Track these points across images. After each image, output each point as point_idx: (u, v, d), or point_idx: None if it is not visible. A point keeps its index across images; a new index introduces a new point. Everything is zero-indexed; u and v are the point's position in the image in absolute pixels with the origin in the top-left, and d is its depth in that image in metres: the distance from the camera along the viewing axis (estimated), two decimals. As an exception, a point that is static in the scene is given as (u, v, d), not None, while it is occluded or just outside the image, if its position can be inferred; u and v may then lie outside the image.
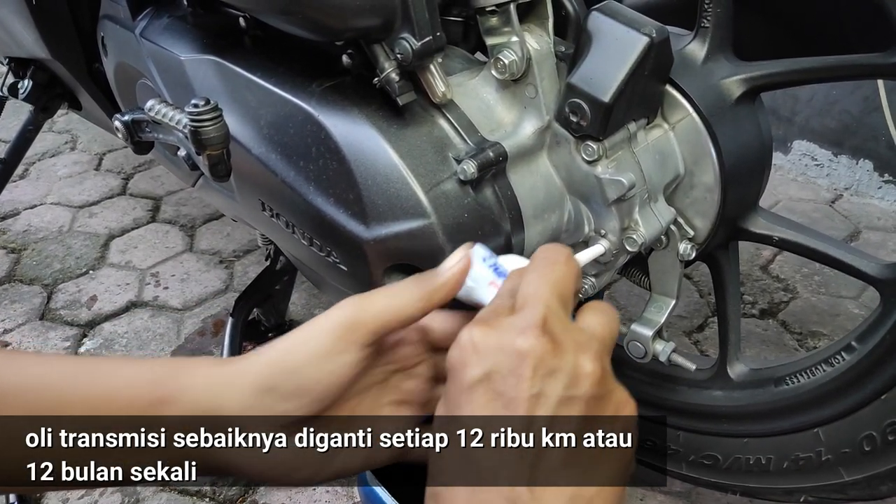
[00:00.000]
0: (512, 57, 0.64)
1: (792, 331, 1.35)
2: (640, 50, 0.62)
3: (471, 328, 0.39)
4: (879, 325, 0.70)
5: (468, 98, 0.68)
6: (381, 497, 0.84)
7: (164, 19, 0.85)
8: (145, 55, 0.86)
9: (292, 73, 0.71)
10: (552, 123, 0.67)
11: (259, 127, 0.72)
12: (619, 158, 0.67)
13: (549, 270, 0.41)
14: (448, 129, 0.66)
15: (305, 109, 0.67)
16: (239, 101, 0.73)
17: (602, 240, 0.71)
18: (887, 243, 1.59)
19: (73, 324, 1.40)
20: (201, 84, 0.78)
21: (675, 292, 0.78)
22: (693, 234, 0.75)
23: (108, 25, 0.93)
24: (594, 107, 0.63)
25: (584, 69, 0.64)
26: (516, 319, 0.38)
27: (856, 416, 0.72)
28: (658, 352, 0.78)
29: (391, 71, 0.62)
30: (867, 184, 1.70)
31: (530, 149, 0.68)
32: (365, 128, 0.64)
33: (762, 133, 0.74)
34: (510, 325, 0.38)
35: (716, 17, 0.69)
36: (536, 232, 0.70)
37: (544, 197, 0.70)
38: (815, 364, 0.76)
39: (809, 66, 0.67)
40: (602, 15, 0.63)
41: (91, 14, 1.02)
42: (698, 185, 0.73)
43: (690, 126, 0.70)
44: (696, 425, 0.87)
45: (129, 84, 0.93)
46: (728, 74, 0.71)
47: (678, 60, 0.69)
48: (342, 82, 0.68)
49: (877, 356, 0.69)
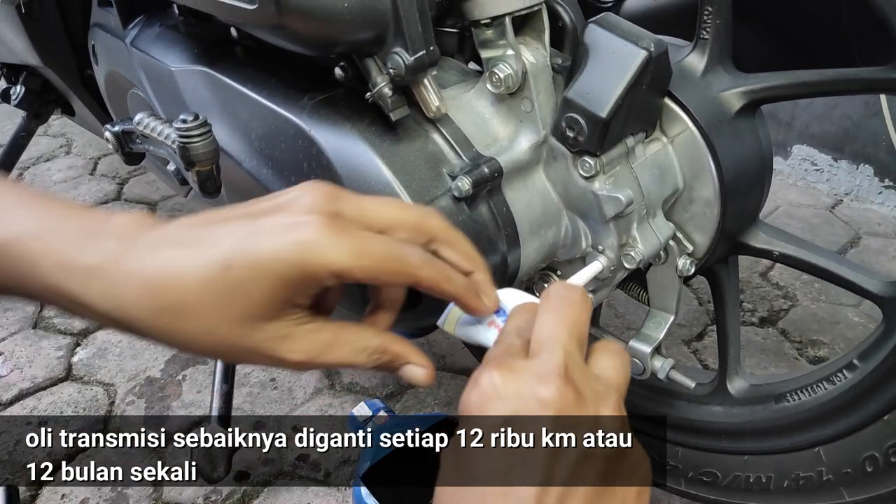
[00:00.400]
0: (507, 71, 0.63)
1: (792, 339, 1.34)
2: (637, 64, 0.60)
3: (490, 371, 0.37)
4: (882, 344, 0.68)
5: (463, 112, 0.67)
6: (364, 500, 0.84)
7: (155, 28, 0.84)
8: (136, 65, 0.84)
9: (284, 85, 0.69)
10: (549, 138, 0.66)
11: (250, 140, 0.70)
12: (616, 174, 0.66)
13: (565, 312, 0.39)
14: (442, 144, 0.65)
15: (297, 123, 0.66)
16: (230, 113, 0.72)
17: (600, 256, 0.69)
18: (888, 249, 1.58)
19: (67, 332, 1.38)
20: (192, 95, 0.76)
21: (674, 308, 0.77)
22: (692, 249, 0.73)
23: (99, 34, 0.92)
24: (591, 122, 0.62)
25: (580, 83, 0.62)
26: (536, 365, 0.37)
27: (857, 437, 0.71)
28: (657, 368, 0.77)
29: (384, 85, 0.60)
30: (867, 189, 1.69)
31: (526, 164, 0.67)
32: (357, 143, 0.63)
33: (762, 146, 0.72)
34: (530, 370, 0.37)
35: (715, 29, 0.68)
36: (533, 248, 0.69)
37: (541, 213, 0.69)
38: (817, 381, 0.75)
39: (810, 80, 0.66)
40: (599, 28, 0.62)
41: (83, 20, 1.00)
42: (697, 200, 0.71)
43: (689, 140, 0.69)
44: (695, 441, 0.85)
45: (121, 93, 0.92)
46: (727, 87, 0.69)
47: (677, 72, 0.68)
48: (334, 95, 0.67)
49: (879, 376, 0.68)
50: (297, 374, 1.27)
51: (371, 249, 0.38)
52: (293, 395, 1.24)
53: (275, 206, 0.39)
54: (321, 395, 1.24)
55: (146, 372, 1.29)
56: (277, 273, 0.37)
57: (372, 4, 0.56)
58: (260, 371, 1.27)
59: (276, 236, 0.37)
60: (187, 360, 1.31)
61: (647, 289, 0.78)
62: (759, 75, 0.69)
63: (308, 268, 0.37)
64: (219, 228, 0.39)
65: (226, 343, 0.39)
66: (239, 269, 0.37)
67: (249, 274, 0.37)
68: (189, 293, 0.37)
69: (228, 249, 0.37)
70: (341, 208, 0.39)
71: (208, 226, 0.39)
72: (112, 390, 1.26)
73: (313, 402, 1.22)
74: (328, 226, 0.38)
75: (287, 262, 0.37)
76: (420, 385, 0.45)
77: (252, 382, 1.26)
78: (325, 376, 1.27)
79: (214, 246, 0.38)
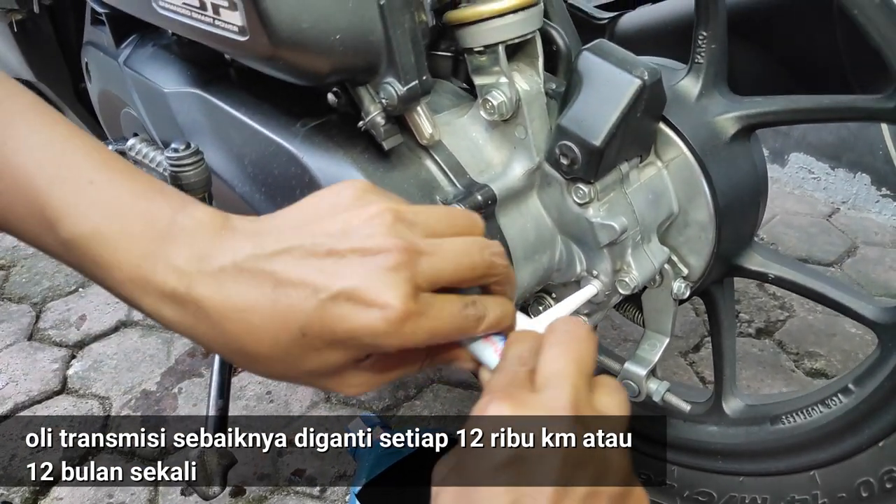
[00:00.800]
0: (501, 98, 0.63)
1: (788, 351, 1.34)
2: (632, 93, 0.60)
3: (499, 403, 0.37)
4: (877, 370, 0.68)
5: (456, 138, 0.66)
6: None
7: (148, 48, 0.83)
8: (129, 85, 0.84)
9: (277, 110, 0.69)
10: (543, 164, 0.66)
11: (243, 165, 0.70)
12: (611, 201, 0.66)
13: (573, 347, 0.39)
14: (436, 171, 0.64)
15: (289, 150, 0.65)
16: (223, 137, 0.72)
17: (594, 280, 0.69)
18: (885, 259, 1.57)
19: (62, 344, 1.38)
20: (185, 118, 0.76)
21: (669, 330, 0.76)
22: (687, 272, 0.73)
23: (92, 52, 0.91)
24: (585, 150, 0.61)
25: (574, 111, 0.62)
26: (545, 400, 0.37)
27: (853, 461, 0.70)
28: (652, 391, 0.77)
29: (376, 114, 0.60)
30: (864, 198, 1.69)
31: (520, 190, 0.66)
32: (349, 171, 0.62)
33: (757, 170, 0.72)
34: (539, 404, 0.37)
35: (710, 53, 0.68)
36: (527, 273, 0.69)
37: (535, 238, 0.68)
38: (812, 404, 0.74)
39: (806, 107, 0.65)
40: (593, 55, 0.62)
41: (77, 36, 1.00)
42: (692, 224, 0.71)
43: (684, 164, 0.69)
44: (691, 461, 0.85)
45: (114, 112, 0.92)
46: (722, 112, 0.69)
47: (672, 96, 0.67)
48: (327, 121, 0.66)
49: (875, 402, 0.68)
50: (294, 388, 1.27)
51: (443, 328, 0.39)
52: (290, 409, 1.23)
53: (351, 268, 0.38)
54: (317, 407, 1.24)
55: (142, 385, 1.29)
56: (353, 347, 0.38)
57: (364, 36, 0.55)
58: (256, 384, 1.27)
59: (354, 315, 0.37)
60: (183, 373, 1.31)
61: (642, 310, 0.78)
62: (754, 100, 0.69)
63: (381, 347, 0.38)
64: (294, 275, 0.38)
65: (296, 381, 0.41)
66: (316, 340, 0.38)
67: (325, 345, 0.38)
68: (264, 347, 0.38)
69: (305, 319, 0.37)
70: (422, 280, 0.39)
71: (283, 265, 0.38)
72: (107, 403, 1.26)
73: (309, 414, 1.22)
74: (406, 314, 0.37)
75: (363, 344, 0.38)
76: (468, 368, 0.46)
77: (248, 395, 1.25)
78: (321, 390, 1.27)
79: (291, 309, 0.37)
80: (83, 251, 0.39)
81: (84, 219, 0.39)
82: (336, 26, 0.54)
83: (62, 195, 0.39)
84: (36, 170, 0.40)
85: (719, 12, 0.65)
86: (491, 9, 0.60)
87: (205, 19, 0.57)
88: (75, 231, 0.39)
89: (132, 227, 0.39)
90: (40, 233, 0.40)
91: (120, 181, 0.40)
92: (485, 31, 0.60)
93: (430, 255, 0.39)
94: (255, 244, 0.39)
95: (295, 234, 0.39)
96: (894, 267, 1.55)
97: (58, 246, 0.40)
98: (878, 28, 0.56)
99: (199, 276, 0.38)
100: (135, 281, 0.38)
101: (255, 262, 0.38)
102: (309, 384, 0.41)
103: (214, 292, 0.38)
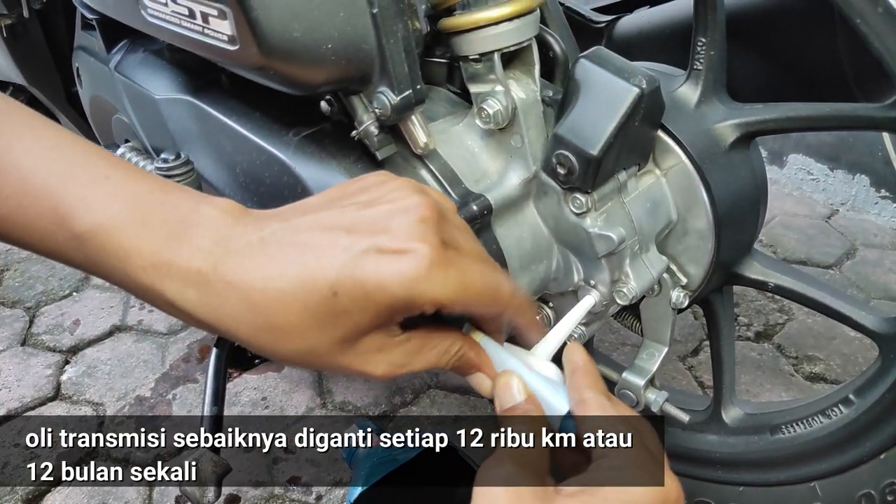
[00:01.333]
0: (496, 107, 0.62)
1: (787, 355, 1.33)
2: (629, 102, 0.59)
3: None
4: (878, 381, 0.67)
5: (452, 146, 0.65)
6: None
7: (139, 54, 0.82)
8: (120, 90, 0.83)
9: (269, 118, 0.68)
10: (539, 173, 0.65)
11: (235, 174, 0.69)
12: (608, 210, 0.64)
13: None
14: (430, 181, 0.63)
15: (282, 159, 0.64)
16: (214, 145, 0.71)
17: (592, 291, 0.68)
18: (884, 261, 1.57)
19: (56, 350, 1.37)
20: (176, 125, 0.75)
21: (668, 339, 0.75)
22: (686, 281, 0.72)
23: (83, 57, 0.90)
24: (582, 160, 0.60)
25: (571, 120, 0.61)
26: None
27: (854, 473, 0.70)
28: (650, 401, 0.76)
29: (370, 124, 0.59)
30: (863, 199, 1.68)
31: (516, 199, 0.65)
32: (343, 181, 0.61)
33: (756, 177, 0.71)
34: None
35: (709, 60, 0.67)
36: (524, 283, 0.68)
37: (531, 247, 0.67)
38: (812, 414, 0.74)
39: (806, 115, 0.64)
40: (590, 63, 0.61)
41: (68, 41, 0.99)
42: (691, 232, 0.70)
43: (683, 172, 0.68)
44: (690, 470, 0.84)
45: (106, 117, 0.90)
46: (722, 119, 0.68)
47: (670, 103, 0.66)
48: (320, 130, 0.65)
49: (876, 413, 0.67)
50: (289, 393, 1.26)
51: (474, 283, 0.39)
52: (285, 414, 1.22)
53: (380, 223, 0.38)
54: (313, 413, 1.23)
55: (136, 391, 1.27)
56: (384, 303, 0.37)
57: (356, 45, 0.54)
58: (251, 390, 1.26)
59: (385, 265, 0.37)
60: (177, 378, 1.30)
61: (641, 319, 0.77)
62: (754, 107, 0.68)
63: (415, 301, 0.37)
64: (322, 240, 0.38)
65: (323, 359, 0.39)
66: (346, 298, 0.37)
67: (356, 304, 0.37)
68: (292, 316, 0.37)
69: (335, 276, 0.37)
70: (445, 233, 0.39)
71: (310, 233, 0.38)
72: (101, 409, 1.25)
73: (305, 421, 1.21)
74: (437, 260, 0.37)
75: (394, 295, 0.37)
76: (481, 394, 0.46)
77: (243, 402, 1.24)
78: (316, 395, 1.26)
79: (320, 268, 0.37)
80: (100, 242, 0.37)
81: (102, 209, 0.38)
82: (328, 35, 0.53)
83: (76, 190, 0.38)
84: (47, 169, 0.39)
85: (718, 19, 0.64)
86: (486, 16, 0.59)
87: (194, 28, 0.56)
88: (93, 221, 0.37)
89: (154, 215, 0.38)
90: (52, 231, 0.39)
91: (136, 177, 0.39)
92: (480, 38, 0.59)
93: (455, 227, 0.41)
94: (280, 221, 0.39)
95: (322, 207, 0.40)
96: (894, 269, 1.54)
97: (70, 241, 0.38)
98: (881, 37, 0.55)
99: (225, 255, 0.37)
100: (157, 266, 0.37)
101: (282, 234, 0.38)
102: (335, 366, 0.39)
103: (241, 266, 0.37)
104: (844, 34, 0.67)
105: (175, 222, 0.38)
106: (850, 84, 0.71)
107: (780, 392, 1.25)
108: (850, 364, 1.29)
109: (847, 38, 0.68)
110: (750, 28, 0.75)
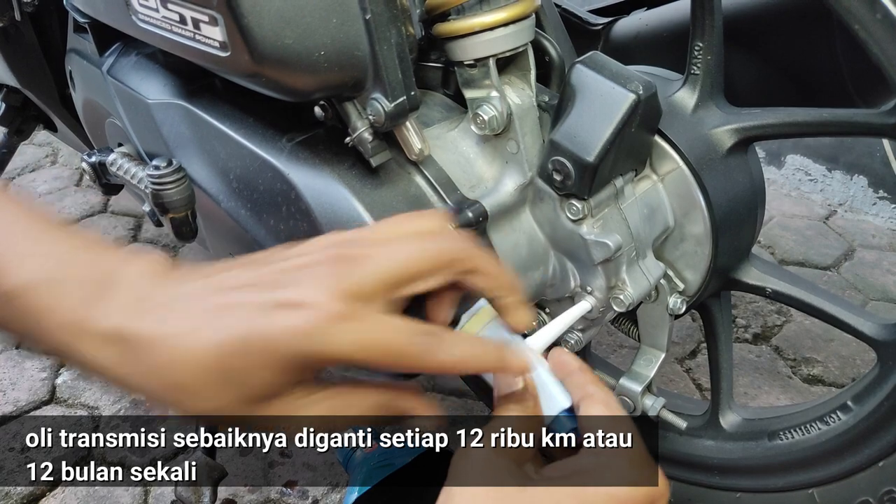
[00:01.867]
0: (492, 113, 0.61)
1: (785, 357, 1.32)
2: (626, 107, 0.58)
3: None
4: (877, 388, 0.67)
5: (447, 152, 0.65)
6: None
7: (131, 57, 0.81)
8: (112, 94, 0.82)
9: (263, 123, 0.67)
10: (535, 179, 0.64)
11: (228, 180, 0.68)
12: (605, 216, 0.64)
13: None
14: (425, 187, 0.63)
15: (275, 166, 0.63)
16: (207, 150, 0.70)
17: (588, 296, 0.68)
18: (882, 262, 1.56)
19: (51, 353, 1.36)
20: (169, 130, 0.74)
21: (665, 345, 0.75)
22: (683, 287, 0.72)
23: (76, 60, 0.89)
24: (578, 166, 0.60)
25: (567, 126, 0.60)
26: None
27: (852, 481, 0.69)
28: (647, 407, 0.75)
29: (364, 130, 0.58)
30: (861, 200, 1.68)
31: (512, 206, 0.65)
32: (337, 187, 0.61)
33: (754, 182, 0.71)
34: None
35: (706, 65, 0.66)
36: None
37: (527, 254, 0.67)
38: (810, 421, 0.73)
39: (804, 120, 0.64)
40: (586, 69, 0.60)
41: (62, 43, 0.98)
42: (688, 238, 0.70)
43: (680, 178, 0.67)
44: (686, 475, 0.84)
45: (98, 121, 0.90)
46: (719, 124, 0.67)
47: (667, 108, 0.66)
48: (314, 136, 0.65)
49: (874, 420, 0.66)
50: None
51: (376, 341, 0.37)
52: (281, 418, 1.22)
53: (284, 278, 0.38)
54: (309, 417, 1.22)
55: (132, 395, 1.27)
56: (276, 362, 0.36)
57: (349, 51, 0.53)
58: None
59: (279, 320, 0.36)
60: (173, 381, 1.29)
61: (638, 325, 0.76)
62: (752, 112, 0.67)
63: (310, 357, 0.36)
64: (230, 298, 0.37)
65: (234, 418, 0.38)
66: (246, 355, 0.36)
67: (257, 360, 0.36)
68: (190, 375, 0.36)
69: (237, 333, 0.36)
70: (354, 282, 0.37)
71: (223, 291, 0.38)
72: (97, 413, 1.24)
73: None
74: (335, 314, 0.36)
75: (290, 350, 0.36)
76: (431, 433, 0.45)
77: (239, 405, 1.24)
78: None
79: (224, 326, 0.36)
80: (23, 301, 0.37)
81: (27, 269, 0.38)
82: (320, 42, 0.53)
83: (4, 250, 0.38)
84: None
85: (716, 23, 0.64)
86: (481, 21, 0.58)
87: (185, 34, 0.56)
88: (18, 281, 0.37)
89: (75, 274, 0.38)
90: None
91: (66, 237, 0.40)
92: (475, 44, 0.59)
93: (362, 259, 0.38)
94: (202, 278, 0.39)
95: (246, 265, 0.39)
96: (892, 270, 1.54)
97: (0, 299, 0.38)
98: (879, 43, 0.54)
99: (142, 312, 0.37)
100: (73, 324, 0.37)
101: (199, 292, 0.38)
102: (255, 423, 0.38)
103: (155, 324, 0.37)
104: (843, 39, 0.67)
105: (94, 282, 0.38)
106: (849, 89, 0.70)
107: (777, 394, 1.25)
108: (847, 366, 1.29)
109: (845, 43, 0.67)
110: (748, 32, 0.74)
